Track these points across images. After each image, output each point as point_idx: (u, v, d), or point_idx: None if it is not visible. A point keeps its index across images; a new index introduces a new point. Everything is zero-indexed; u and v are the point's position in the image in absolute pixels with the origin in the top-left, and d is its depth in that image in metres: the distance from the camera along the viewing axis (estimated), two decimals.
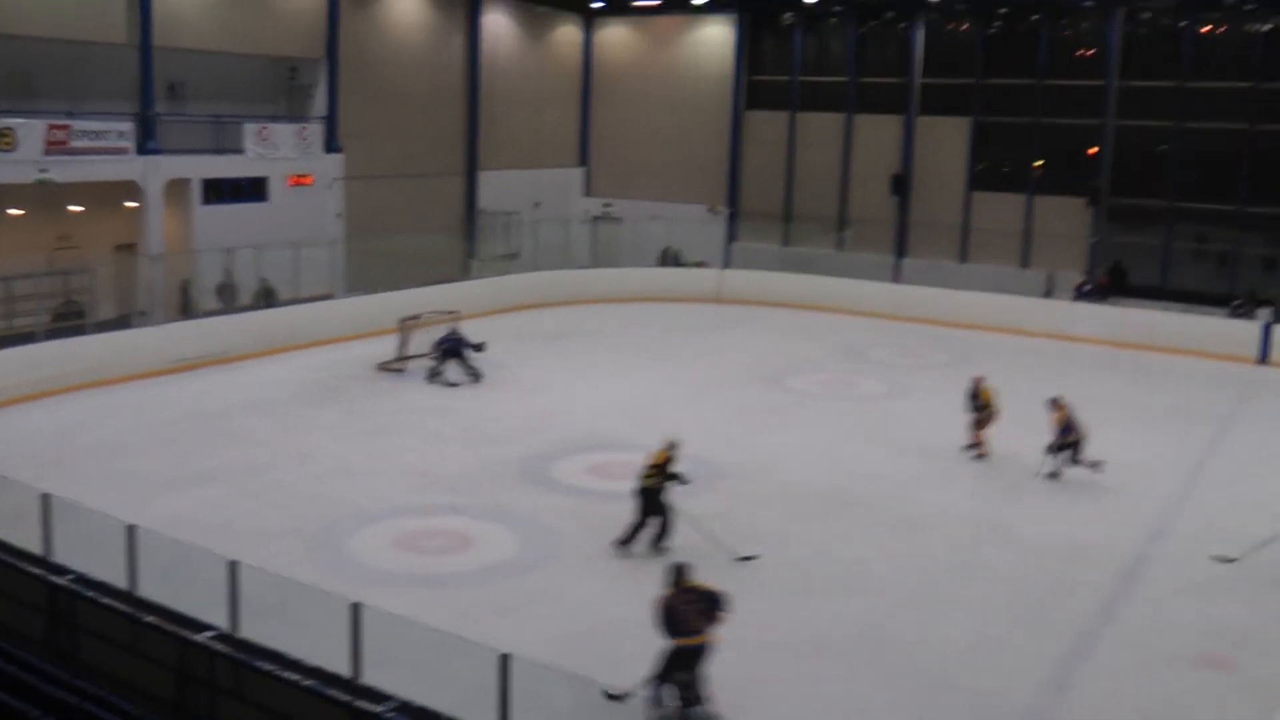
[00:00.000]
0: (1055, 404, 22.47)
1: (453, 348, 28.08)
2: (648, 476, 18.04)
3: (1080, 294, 38.74)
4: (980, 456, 23.25)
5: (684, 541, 17.64)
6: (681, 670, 13.03)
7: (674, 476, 18.17)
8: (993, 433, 23.28)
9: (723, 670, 14.04)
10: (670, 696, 13.04)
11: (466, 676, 11.70)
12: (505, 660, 10.25)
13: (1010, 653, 15.16)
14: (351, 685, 10.07)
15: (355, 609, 11.11)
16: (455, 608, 15.29)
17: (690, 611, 13.18)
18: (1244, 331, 34.92)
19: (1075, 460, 22.10)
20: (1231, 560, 18.03)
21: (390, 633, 12.11)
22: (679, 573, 13.57)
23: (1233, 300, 37.66)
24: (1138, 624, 16.24)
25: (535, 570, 17.00)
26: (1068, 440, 22.11)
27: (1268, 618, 16.61)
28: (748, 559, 17.51)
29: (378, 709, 9.54)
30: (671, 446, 18.35)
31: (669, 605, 13.25)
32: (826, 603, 16.39)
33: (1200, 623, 16.33)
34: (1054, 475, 22.14)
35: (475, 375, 28.12)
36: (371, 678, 10.58)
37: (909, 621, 15.92)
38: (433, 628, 12.36)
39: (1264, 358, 34.07)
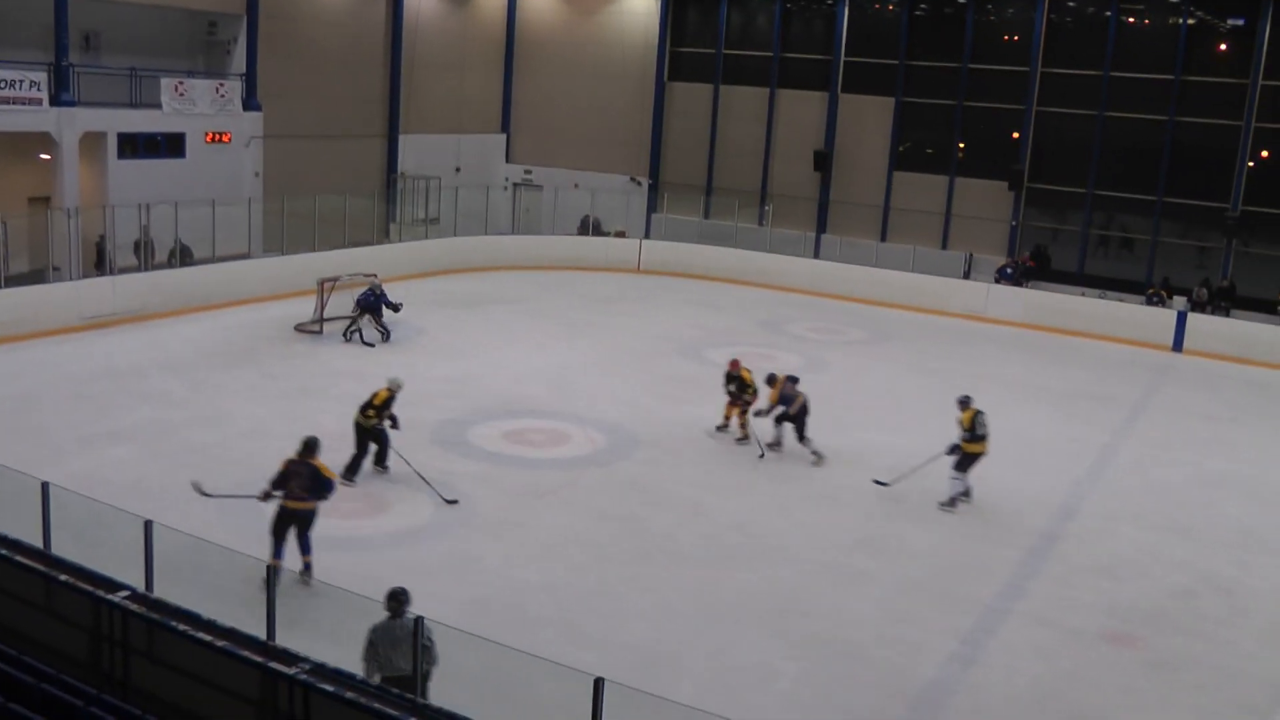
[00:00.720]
0: (772, 379, 22.37)
1: (373, 304, 27.98)
2: (367, 417, 19.18)
3: (1001, 275, 39.18)
4: (743, 439, 22.70)
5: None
6: (281, 526, 15.12)
7: (391, 418, 19.33)
8: (752, 413, 22.84)
9: (635, 637, 14.20)
10: (279, 553, 14.94)
11: None
12: (418, 623, 10.28)
13: (919, 626, 15.39)
14: (265, 647, 10.04)
15: (270, 571, 11.11)
16: (370, 571, 15.21)
17: (299, 480, 15.10)
18: (1159, 319, 35.57)
19: (801, 438, 21.90)
20: (885, 484, 19.59)
21: (304, 595, 12.10)
22: (309, 447, 15.40)
23: (1148, 288, 38.34)
24: (1045, 600, 16.54)
25: (448, 535, 17.02)
26: (785, 413, 22.01)
27: (1171, 598, 17.00)
28: (451, 502, 18.35)
29: (291, 671, 9.51)
30: (393, 386, 19.47)
31: (286, 467, 15.27)
32: (739, 572, 16.54)
33: (1106, 601, 16.68)
34: (773, 446, 22.14)
35: (385, 334, 28.13)
36: (285, 640, 10.54)
37: (820, 593, 16.11)
38: (347, 590, 12.36)
39: (1178, 345, 34.75)
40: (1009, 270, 39.32)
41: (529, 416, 23.04)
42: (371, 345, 27.62)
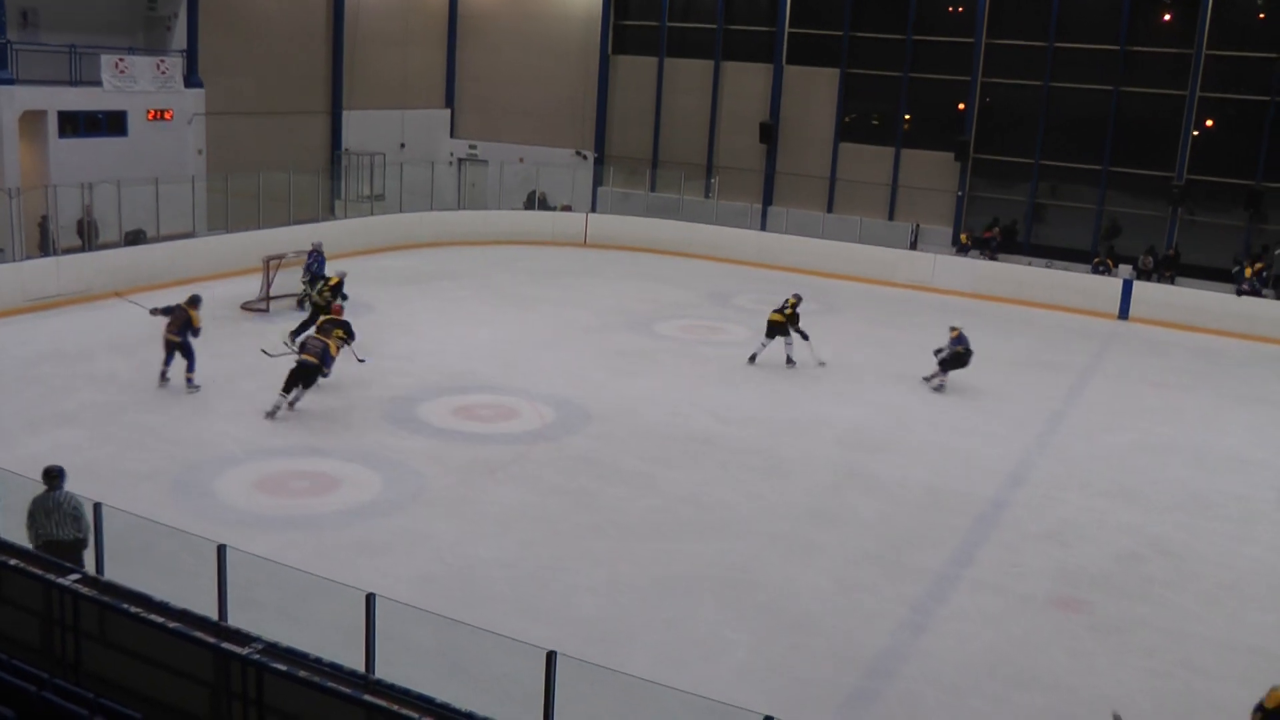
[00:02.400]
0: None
1: (319, 270, 27.93)
2: (321, 294, 25.67)
3: (972, 246, 39.85)
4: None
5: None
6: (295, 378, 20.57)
7: (343, 295, 25.36)
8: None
9: (588, 611, 14.22)
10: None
11: (332, 617, 11.70)
12: (370, 600, 10.23)
13: (870, 595, 15.47)
14: (217, 627, 9.97)
15: (220, 551, 11.02)
16: (320, 549, 15.23)
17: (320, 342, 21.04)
18: (1106, 287, 35.91)
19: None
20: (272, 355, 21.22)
21: (256, 575, 12.03)
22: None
23: (1095, 257, 38.69)
24: (994, 568, 16.67)
25: (400, 511, 16.93)
26: None
27: (1118, 563, 17.19)
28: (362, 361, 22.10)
29: (243, 651, 9.44)
30: (342, 273, 26.13)
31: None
32: (691, 545, 16.57)
33: (1055, 567, 16.84)
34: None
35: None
36: (237, 620, 10.47)
37: (772, 564, 16.15)
38: (298, 569, 12.30)
39: (1125, 313, 35.10)
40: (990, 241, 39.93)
41: (478, 392, 22.98)
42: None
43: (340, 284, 25.83)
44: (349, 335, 22.56)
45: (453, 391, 22.89)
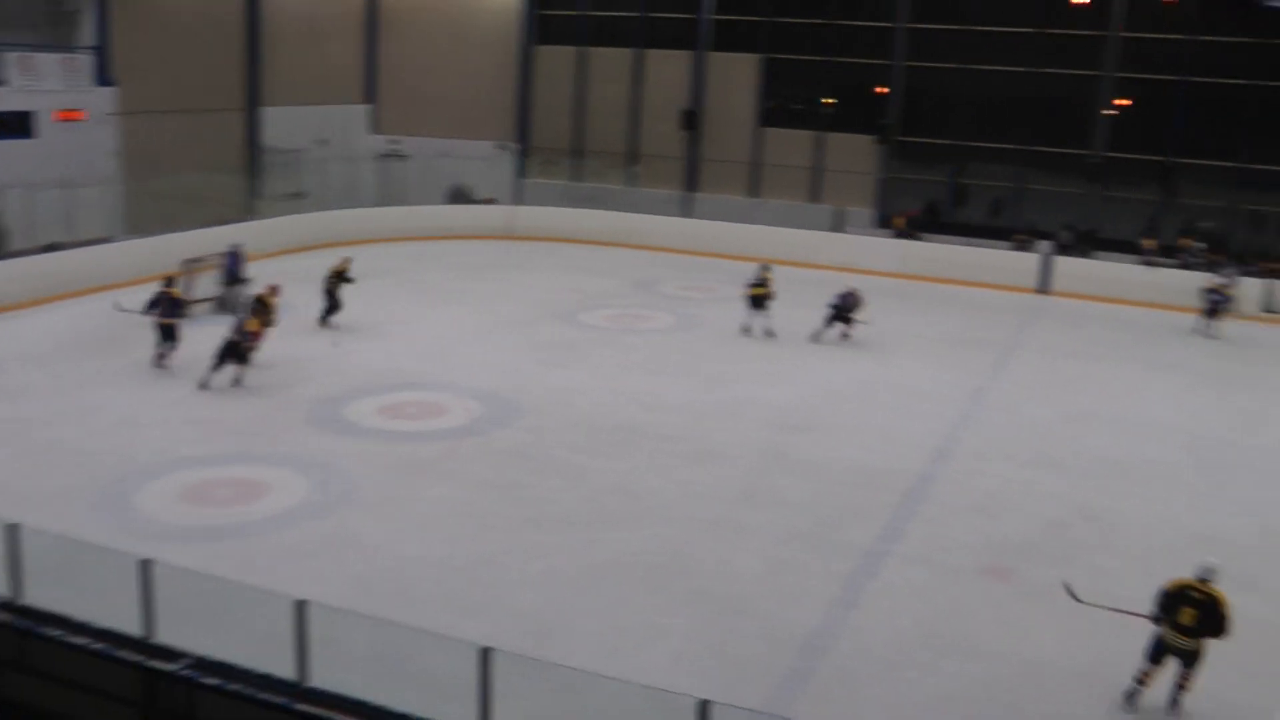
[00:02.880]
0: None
1: (237, 270, 27.93)
2: (328, 280, 27.27)
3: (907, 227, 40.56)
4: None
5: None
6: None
7: (348, 279, 27.42)
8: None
9: (522, 605, 14.24)
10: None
11: (263, 626, 11.59)
12: (301, 606, 10.21)
13: (801, 574, 15.62)
14: (144, 645, 9.91)
15: (145, 565, 10.90)
16: (249, 558, 15.09)
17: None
18: (1025, 263, 36.40)
19: None
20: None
21: (183, 588, 11.93)
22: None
23: (1014, 234, 39.22)
24: (923, 541, 16.90)
25: (329, 515, 16.82)
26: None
27: (1044, 531, 17.50)
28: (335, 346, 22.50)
29: (172, 667, 9.39)
30: (347, 261, 27.99)
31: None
32: (622, 533, 16.63)
33: (981, 538, 17.11)
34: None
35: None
36: (165, 635, 10.42)
37: (703, 548, 16.25)
38: (226, 579, 12.24)
39: (1043, 287, 35.59)
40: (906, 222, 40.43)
41: (405, 390, 22.89)
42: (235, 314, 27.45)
43: (346, 270, 27.84)
44: (266, 319, 23.10)
45: (379, 390, 22.78)
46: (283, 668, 9.65)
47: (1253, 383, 26.69)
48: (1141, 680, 12.74)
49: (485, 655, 9.39)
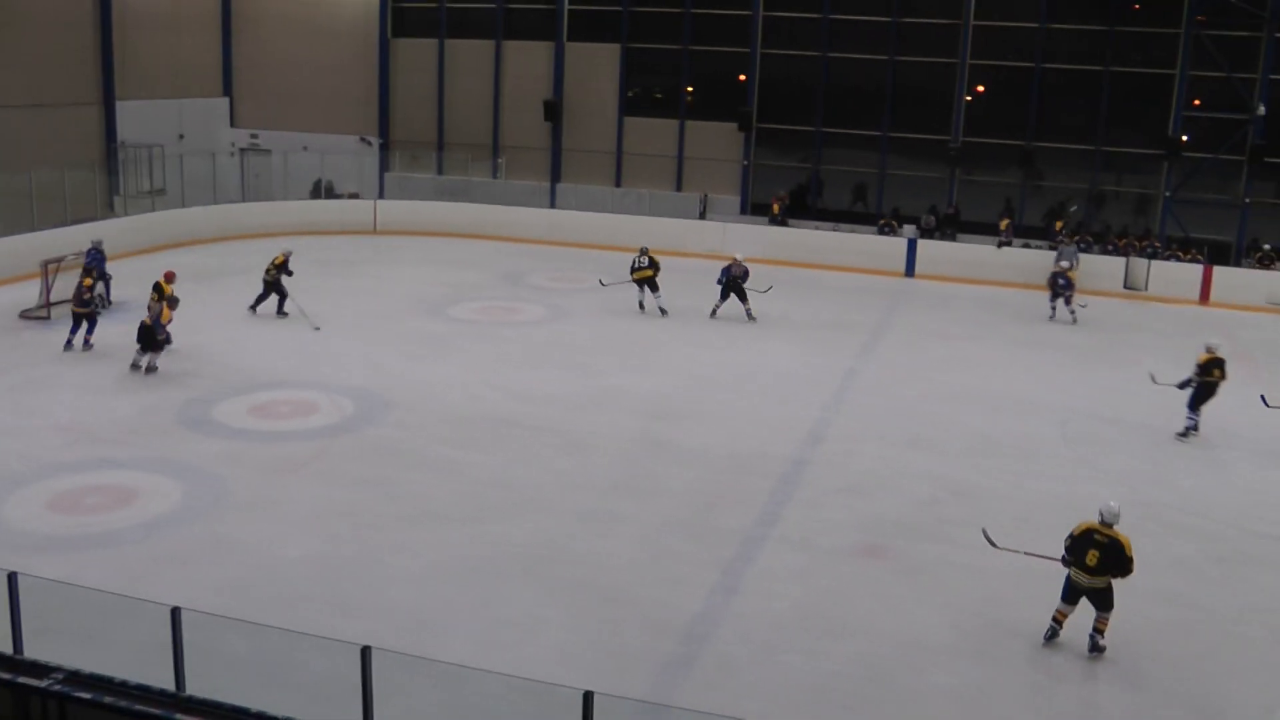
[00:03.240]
0: None
1: (101, 267, 27.32)
2: (268, 272, 28.27)
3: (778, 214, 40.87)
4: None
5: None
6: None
7: (288, 272, 28.15)
8: None
9: (401, 602, 14.15)
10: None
11: (138, 636, 11.38)
12: (176, 614, 10.03)
13: (680, 562, 15.69)
14: (12, 661, 9.64)
15: (11, 579, 10.60)
16: (121, 566, 14.79)
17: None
18: (892, 247, 36.93)
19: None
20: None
21: (52, 600, 11.65)
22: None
23: (880, 219, 39.83)
24: (799, 524, 17.08)
25: (202, 518, 16.54)
26: None
27: (917, 508, 17.84)
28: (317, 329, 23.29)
29: (43, 683, 9.14)
30: (288, 251, 28.80)
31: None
32: (500, 526, 16.58)
33: (857, 518, 17.35)
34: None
35: (107, 301, 27.81)
36: (34, 650, 10.16)
37: (581, 539, 16.28)
38: (98, 589, 11.99)
39: (910, 271, 36.16)
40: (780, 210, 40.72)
41: (274, 389, 22.58)
42: (98, 312, 26.93)
43: (285, 262, 28.41)
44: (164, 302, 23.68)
45: (248, 390, 22.45)
46: (160, 678, 9.47)
47: (1116, 358, 27.35)
48: (1057, 619, 13.80)
49: (366, 655, 9.30)
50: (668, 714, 11.76)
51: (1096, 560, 13.46)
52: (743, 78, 42.59)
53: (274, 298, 28.42)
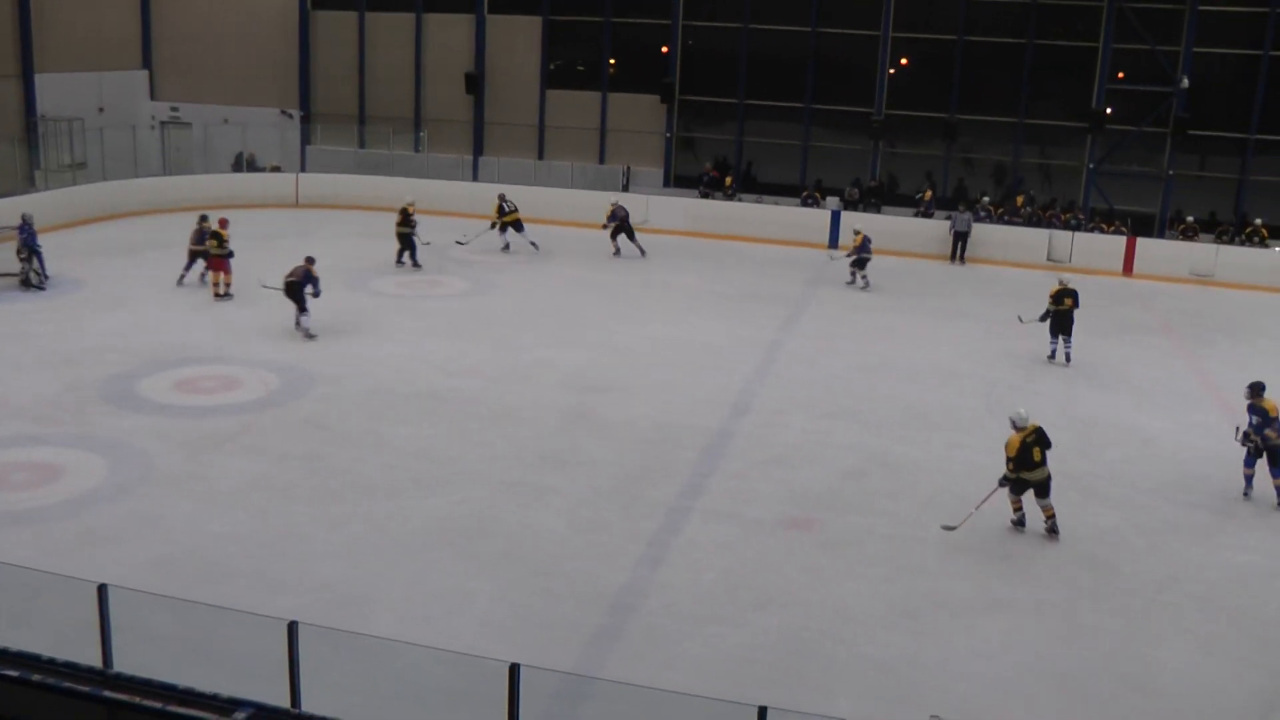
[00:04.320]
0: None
1: (34, 243, 27.06)
2: (401, 226, 31.39)
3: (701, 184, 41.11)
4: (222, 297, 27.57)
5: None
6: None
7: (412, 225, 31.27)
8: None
9: (328, 576, 14.15)
10: None
11: (65, 613, 11.33)
12: (102, 591, 10.00)
13: (606, 533, 15.79)
14: None
15: None
16: (47, 544, 14.65)
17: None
18: (816, 219, 37.11)
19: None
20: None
21: None
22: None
23: (803, 191, 40.02)
24: (725, 495, 17.21)
25: (128, 495, 16.43)
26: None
27: (843, 479, 18.00)
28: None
29: None
30: (411, 204, 31.79)
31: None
32: (426, 500, 16.60)
33: (783, 490, 17.50)
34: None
35: (44, 275, 27.52)
36: None
37: (507, 512, 16.33)
38: (23, 566, 11.92)
39: (834, 243, 36.32)
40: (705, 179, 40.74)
41: (199, 364, 22.42)
42: (42, 289, 26.62)
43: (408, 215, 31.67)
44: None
45: (172, 365, 22.27)
46: (87, 655, 9.45)
47: (1039, 330, 27.56)
48: (1017, 507, 16.35)
49: (292, 630, 9.32)
50: (594, 686, 11.84)
51: (1040, 454, 15.97)
52: (665, 50, 42.65)
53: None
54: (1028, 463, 15.91)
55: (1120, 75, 38.72)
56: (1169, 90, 37.83)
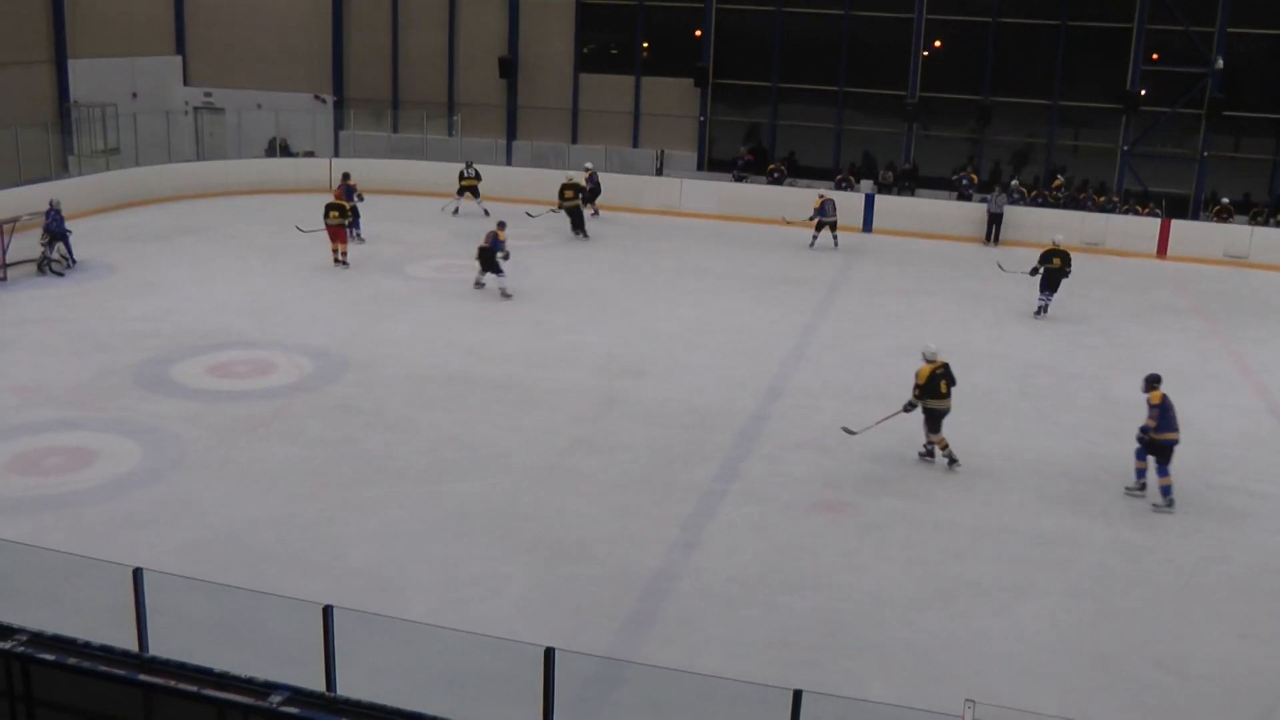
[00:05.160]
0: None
1: (61, 228, 27.15)
2: (567, 199, 33.63)
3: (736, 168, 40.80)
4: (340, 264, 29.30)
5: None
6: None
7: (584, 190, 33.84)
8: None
9: (362, 561, 14.17)
10: None
11: (100, 597, 11.37)
12: (138, 575, 10.03)
13: (639, 518, 15.77)
14: None
15: None
16: (81, 528, 14.74)
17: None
18: (850, 202, 36.98)
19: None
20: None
21: (13, 562, 11.64)
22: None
23: (837, 174, 39.90)
24: (759, 479, 17.17)
25: (161, 479, 16.50)
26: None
27: (876, 463, 17.92)
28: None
29: (6, 645, 9.12)
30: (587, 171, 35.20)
31: None
32: (459, 484, 16.62)
33: (816, 473, 17.44)
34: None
35: (71, 260, 27.58)
36: None
37: (541, 496, 16.32)
38: (59, 551, 11.96)
39: (868, 226, 36.22)
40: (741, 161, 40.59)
41: (232, 348, 22.49)
42: (61, 275, 26.73)
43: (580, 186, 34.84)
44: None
45: (206, 350, 22.36)
46: (122, 639, 9.48)
47: (1074, 313, 27.53)
48: (931, 443, 17.86)
49: (327, 614, 9.32)
50: (629, 669, 11.83)
51: (946, 387, 17.61)
52: (699, 33, 42.50)
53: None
54: (935, 392, 17.46)
55: (1155, 56, 38.45)
56: (1203, 71, 37.53)
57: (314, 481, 16.55)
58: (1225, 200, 36.71)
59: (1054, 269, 26.77)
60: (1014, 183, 38.04)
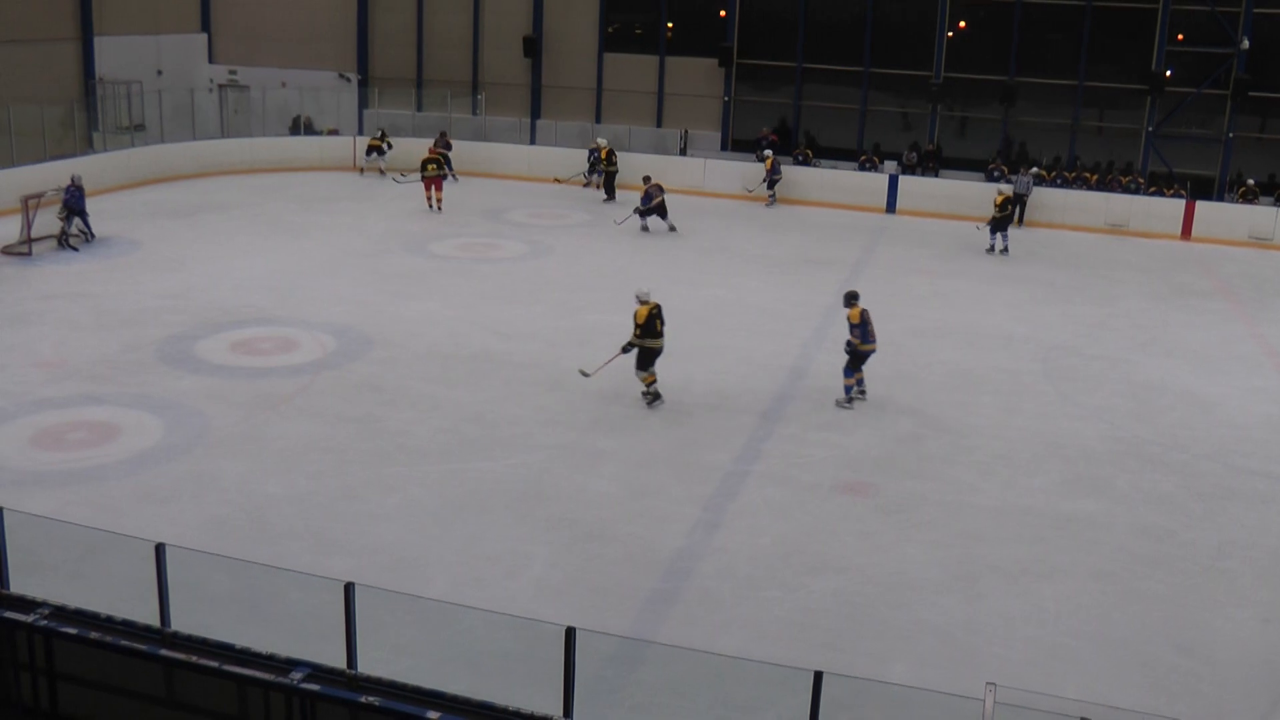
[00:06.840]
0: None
1: (80, 203, 27.23)
2: (610, 165, 36.15)
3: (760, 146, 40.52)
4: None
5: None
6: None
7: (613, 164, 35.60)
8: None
9: (384, 539, 14.19)
10: None
11: (122, 571, 11.45)
12: (160, 550, 10.06)
13: (661, 498, 15.73)
14: None
15: None
16: (105, 502, 14.81)
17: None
18: (873, 183, 36.91)
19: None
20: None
21: (37, 535, 11.69)
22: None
23: (860, 155, 39.77)
24: (781, 460, 17.12)
25: (185, 455, 16.54)
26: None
27: (899, 444, 17.86)
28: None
29: (29, 618, 9.17)
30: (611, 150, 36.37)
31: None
32: (481, 463, 16.61)
33: (839, 454, 17.38)
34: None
35: (89, 235, 27.72)
36: (20, 585, 10.19)
37: (563, 475, 16.30)
38: (82, 525, 11.99)
39: (892, 207, 36.14)
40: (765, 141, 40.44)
41: (256, 325, 22.54)
42: (77, 250, 26.84)
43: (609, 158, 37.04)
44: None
45: (229, 326, 22.41)
46: (144, 613, 9.51)
47: (1098, 294, 27.42)
48: (650, 382, 18.97)
49: (349, 591, 9.34)
50: (650, 649, 11.83)
51: (660, 326, 18.89)
52: (723, 13, 42.35)
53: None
54: (652, 332, 18.76)
55: (1180, 37, 38.16)
56: (1229, 51, 37.25)
57: (336, 459, 16.57)
58: (1250, 182, 36.47)
59: (1005, 216, 31.48)
60: (1034, 170, 37.71)
